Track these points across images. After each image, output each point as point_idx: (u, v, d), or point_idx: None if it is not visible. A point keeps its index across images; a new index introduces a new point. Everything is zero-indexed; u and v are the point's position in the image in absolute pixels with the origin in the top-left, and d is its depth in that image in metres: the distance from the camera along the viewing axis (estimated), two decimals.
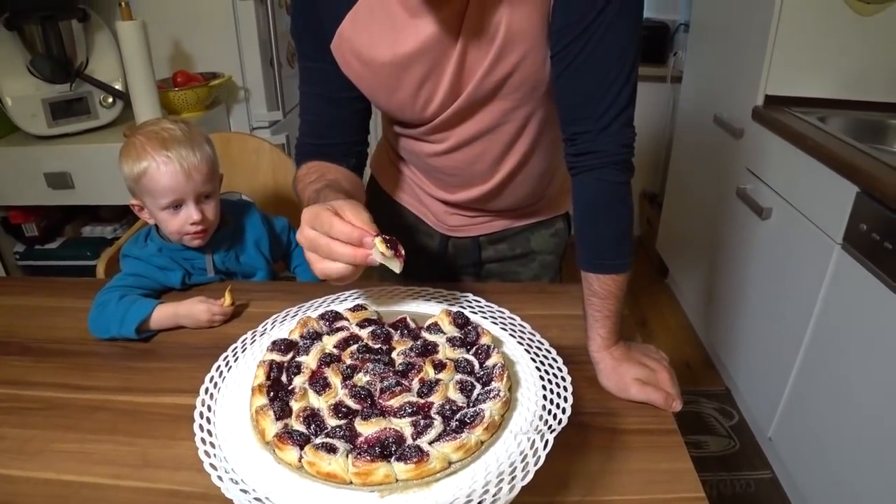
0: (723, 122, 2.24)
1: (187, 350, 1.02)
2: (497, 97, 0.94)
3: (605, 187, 0.88)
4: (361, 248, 0.71)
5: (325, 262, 0.72)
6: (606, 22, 0.81)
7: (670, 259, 2.92)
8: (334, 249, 0.71)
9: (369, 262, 0.71)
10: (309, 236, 0.73)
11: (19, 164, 1.91)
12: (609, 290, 0.89)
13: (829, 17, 1.90)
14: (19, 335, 1.08)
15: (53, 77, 1.92)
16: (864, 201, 1.48)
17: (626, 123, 0.86)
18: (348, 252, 0.71)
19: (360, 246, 0.71)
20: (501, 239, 1.23)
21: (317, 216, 0.72)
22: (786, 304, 1.83)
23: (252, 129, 2.27)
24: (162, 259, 1.17)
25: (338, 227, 0.71)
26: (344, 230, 0.71)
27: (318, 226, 0.72)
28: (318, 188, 0.91)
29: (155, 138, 1.11)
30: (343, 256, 0.71)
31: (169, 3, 2.08)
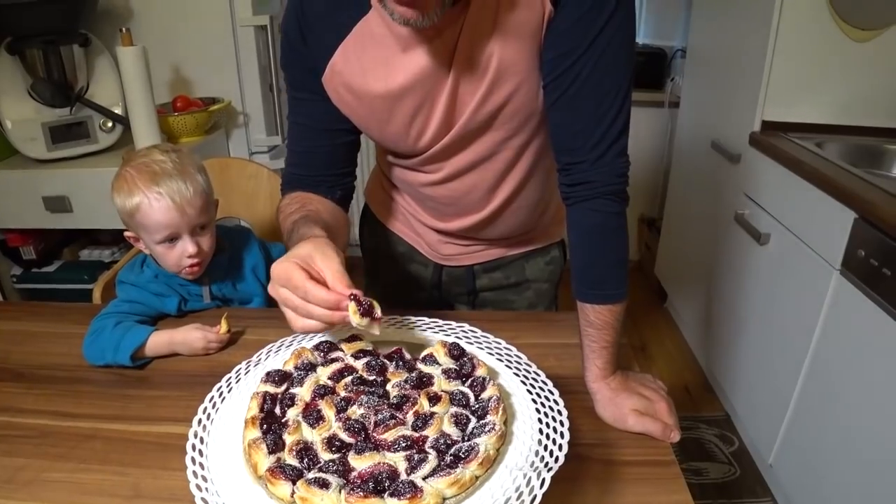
0: (720, 147, 2.25)
1: (182, 378, 1.01)
2: (491, 128, 0.94)
3: (600, 218, 0.87)
4: (339, 310, 0.71)
5: (304, 320, 0.72)
6: (598, 52, 0.82)
7: (669, 284, 2.92)
8: (312, 312, 0.71)
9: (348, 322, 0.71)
10: (283, 296, 0.73)
11: (18, 187, 1.92)
12: (605, 320, 0.88)
13: (825, 43, 1.92)
14: (12, 361, 1.07)
15: (54, 101, 1.93)
16: (861, 227, 1.48)
17: (619, 153, 0.86)
18: (326, 315, 0.71)
19: (338, 309, 0.71)
20: (496, 267, 1.23)
21: (288, 278, 0.72)
22: (785, 329, 1.82)
23: (251, 153, 2.28)
24: (158, 286, 1.16)
25: (312, 294, 0.71)
26: (319, 297, 0.70)
27: (291, 288, 0.72)
28: (295, 220, 0.92)
29: (146, 171, 1.09)
30: (322, 318, 0.71)
31: (169, 28, 2.10)
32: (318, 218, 0.92)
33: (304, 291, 0.70)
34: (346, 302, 0.70)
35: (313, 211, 0.95)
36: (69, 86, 1.95)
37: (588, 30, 0.81)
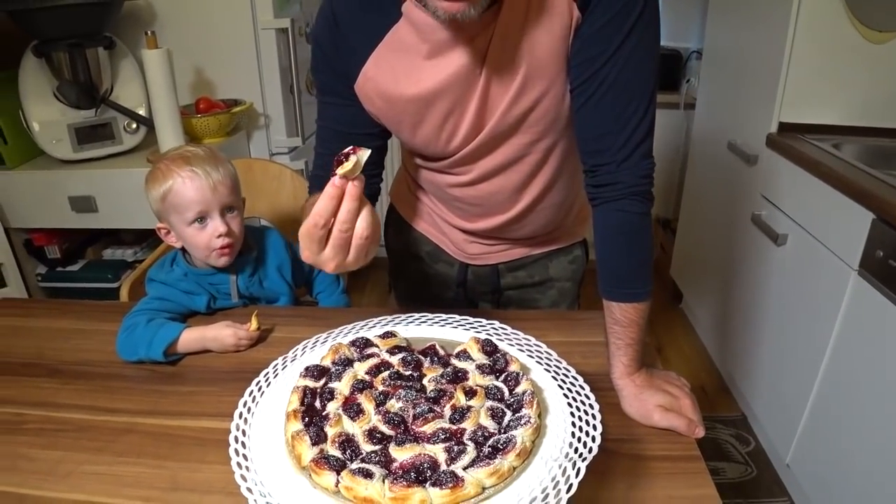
0: (737, 148, 2.26)
1: (213, 374, 1.04)
2: (519, 131, 0.96)
3: (626, 218, 0.89)
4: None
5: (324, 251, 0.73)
6: (624, 57, 0.84)
7: (685, 284, 2.92)
8: (318, 211, 0.71)
9: (342, 185, 0.71)
10: (302, 233, 0.74)
11: (44, 188, 1.95)
12: (631, 318, 0.90)
13: (841, 45, 1.92)
14: (47, 357, 1.10)
15: (79, 103, 1.96)
16: (879, 228, 1.49)
17: (645, 155, 0.88)
18: (327, 200, 0.71)
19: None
20: (520, 266, 1.25)
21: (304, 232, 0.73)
22: (802, 330, 1.83)
23: (272, 154, 2.30)
24: (188, 283, 1.19)
25: (317, 213, 0.71)
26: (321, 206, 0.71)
27: (309, 231, 0.73)
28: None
29: (178, 158, 1.15)
30: (327, 205, 0.71)
31: (193, 31, 2.13)
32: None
33: (313, 219, 0.71)
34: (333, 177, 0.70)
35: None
36: (94, 88, 1.98)
37: (614, 36, 0.83)
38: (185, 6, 2.11)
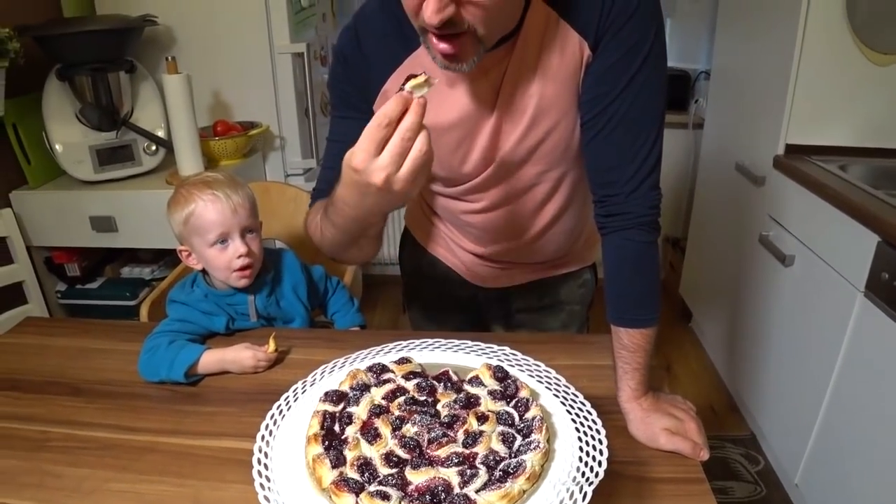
0: (744, 169, 2.28)
1: (232, 395, 1.06)
2: (529, 161, 1.00)
3: (634, 247, 0.92)
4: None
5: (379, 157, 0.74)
6: (633, 93, 0.87)
7: (694, 303, 2.94)
8: (385, 111, 0.73)
9: (409, 97, 0.73)
10: (363, 135, 0.74)
11: (66, 208, 2.00)
12: (638, 343, 0.93)
13: (847, 67, 1.94)
14: (70, 376, 1.13)
15: (101, 125, 2.01)
16: (885, 250, 1.51)
17: (652, 186, 0.91)
18: (394, 104, 0.72)
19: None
20: (531, 290, 1.28)
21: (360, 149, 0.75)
22: (810, 350, 1.84)
23: (287, 175, 2.35)
24: (207, 304, 1.23)
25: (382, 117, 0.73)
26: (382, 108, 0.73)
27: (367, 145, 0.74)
28: (325, 203, 0.93)
29: (200, 182, 1.20)
30: (395, 107, 0.72)
31: (211, 55, 2.18)
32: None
33: (377, 119, 0.73)
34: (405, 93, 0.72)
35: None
36: (115, 110, 2.03)
37: (624, 73, 0.86)
38: (203, 31, 2.17)
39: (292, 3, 2.16)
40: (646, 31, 0.85)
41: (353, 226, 0.89)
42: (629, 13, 0.84)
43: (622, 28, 0.85)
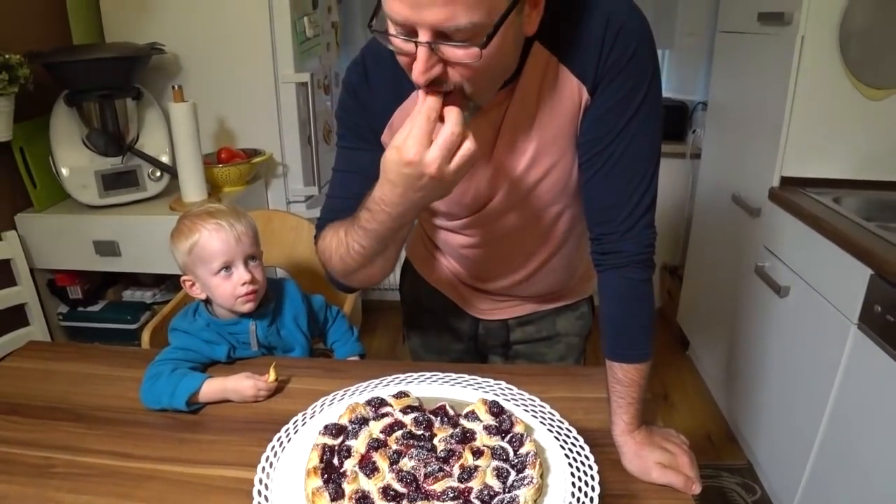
0: (741, 200, 2.31)
1: (233, 424, 1.07)
2: (529, 198, 1.02)
3: (629, 284, 0.95)
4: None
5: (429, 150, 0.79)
6: (630, 135, 0.90)
7: (691, 331, 2.95)
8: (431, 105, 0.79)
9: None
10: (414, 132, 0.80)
11: (70, 231, 2.02)
12: (632, 378, 0.95)
13: (840, 101, 1.98)
14: (71, 402, 1.14)
15: (107, 151, 2.04)
16: (877, 283, 1.53)
17: (647, 225, 0.94)
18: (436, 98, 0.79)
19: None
20: (529, 322, 1.30)
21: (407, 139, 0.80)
22: (805, 381, 1.86)
23: (289, 202, 2.38)
24: (209, 333, 1.24)
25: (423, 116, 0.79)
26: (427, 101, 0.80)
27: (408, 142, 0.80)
28: (350, 224, 0.96)
29: (203, 213, 1.23)
30: (439, 99, 0.79)
31: (217, 83, 2.22)
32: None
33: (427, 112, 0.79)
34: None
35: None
36: (121, 136, 2.06)
37: (620, 117, 0.89)
38: (210, 60, 2.21)
39: (297, 34, 2.20)
40: (642, 76, 0.88)
41: (389, 228, 0.91)
42: (626, 60, 0.87)
43: (619, 73, 0.88)
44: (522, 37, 0.83)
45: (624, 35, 0.86)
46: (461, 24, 0.72)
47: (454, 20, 0.72)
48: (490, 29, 0.74)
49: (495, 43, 0.75)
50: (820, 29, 1.92)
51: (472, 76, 0.79)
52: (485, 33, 0.74)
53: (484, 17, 0.72)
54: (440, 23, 0.72)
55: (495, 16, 0.73)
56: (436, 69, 0.77)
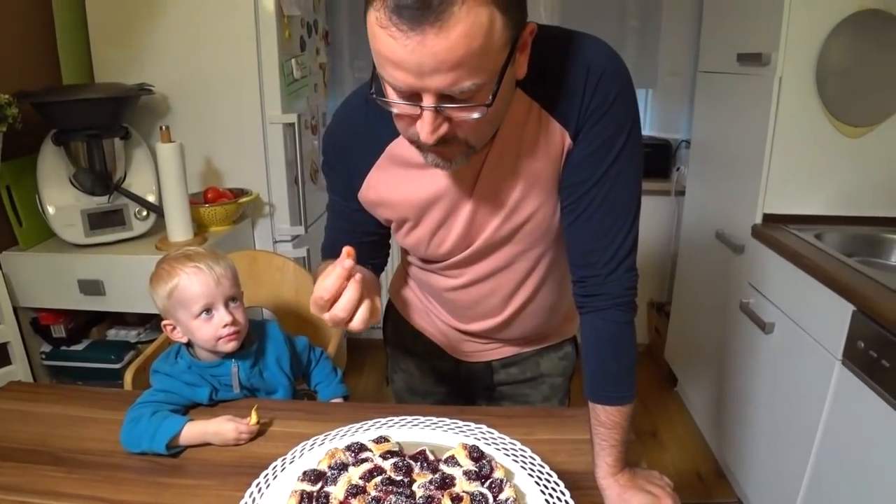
0: (724, 237, 2.34)
1: (214, 467, 1.07)
2: (511, 241, 1.04)
3: (611, 327, 0.95)
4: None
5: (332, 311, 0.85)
6: (611, 180, 0.91)
7: (679, 368, 2.95)
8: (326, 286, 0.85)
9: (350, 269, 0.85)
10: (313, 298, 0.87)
11: (55, 270, 2.01)
12: (615, 420, 0.95)
13: (819, 139, 2.02)
14: (51, 444, 1.13)
15: (94, 190, 2.03)
16: (860, 320, 1.54)
17: (629, 268, 0.95)
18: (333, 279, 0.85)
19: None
20: (512, 363, 1.30)
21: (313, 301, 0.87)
22: (793, 417, 1.86)
23: (275, 242, 2.38)
24: (191, 376, 1.24)
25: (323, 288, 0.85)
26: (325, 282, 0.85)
27: (317, 302, 0.87)
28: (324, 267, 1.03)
29: (181, 256, 1.23)
30: (335, 284, 0.84)
31: (205, 124, 2.24)
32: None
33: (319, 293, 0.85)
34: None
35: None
36: (108, 175, 2.06)
37: (602, 162, 0.91)
38: (198, 100, 2.23)
39: (285, 75, 2.23)
40: (623, 122, 0.90)
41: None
42: (607, 106, 0.89)
43: (600, 120, 0.89)
44: (514, 80, 0.86)
45: (605, 82, 0.88)
46: (465, 86, 0.74)
47: (459, 84, 0.73)
48: (493, 86, 0.76)
49: (497, 94, 0.77)
50: (797, 69, 1.97)
51: (476, 128, 0.82)
52: (488, 90, 0.76)
53: (486, 77, 0.74)
54: (445, 87, 0.74)
55: (496, 72, 0.75)
56: (443, 129, 0.79)
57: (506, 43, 0.74)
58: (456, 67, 0.72)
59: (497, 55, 0.74)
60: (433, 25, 0.68)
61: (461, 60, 0.71)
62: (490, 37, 0.71)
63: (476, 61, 0.72)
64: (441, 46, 0.69)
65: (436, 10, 0.67)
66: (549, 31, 0.90)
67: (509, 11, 0.72)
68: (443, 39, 0.69)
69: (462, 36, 0.69)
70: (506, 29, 0.73)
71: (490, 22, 0.70)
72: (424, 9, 0.68)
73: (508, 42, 0.75)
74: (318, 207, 2.62)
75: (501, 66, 0.76)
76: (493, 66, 0.75)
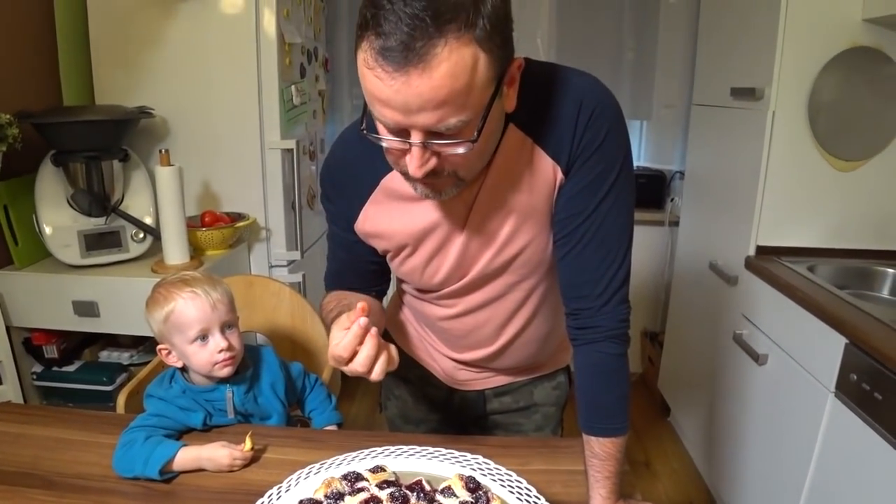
0: (718, 269, 2.35)
1: (207, 494, 1.06)
2: (505, 273, 1.05)
3: (605, 359, 0.96)
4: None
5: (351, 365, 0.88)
6: (603, 214, 0.93)
7: (672, 398, 2.95)
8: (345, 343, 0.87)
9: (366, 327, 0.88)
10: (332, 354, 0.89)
11: (49, 290, 2.00)
12: (609, 451, 0.95)
13: (811, 173, 2.05)
14: (42, 468, 1.12)
15: (91, 211, 2.04)
16: (852, 353, 1.55)
17: (621, 301, 0.96)
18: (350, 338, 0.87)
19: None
20: (506, 392, 1.30)
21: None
22: (785, 449, 1.86)
23: (271, 266, 2.38)
24: (185, 400, 1.23)
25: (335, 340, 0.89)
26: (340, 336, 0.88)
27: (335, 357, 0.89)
28: (332, 317, 1.03)
29: (178, 281, 1.23)
30: (352, 343, 0.87)
31: (204, 148, 2.25)
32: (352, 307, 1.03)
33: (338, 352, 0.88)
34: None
35: (346, 305, 1.07)
36: (106, 197, 2.06)
37: (593, 196, 0.92)
38: (197, 124, 2.24)
39: (284, 102, 2.25)
40: (614, 157, 0.92)
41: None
42: (599, 142, 0.91)
43: (592, 155, 0.91)
44: (503, 114, 0.87)
45: (597, 118, 0.90)
46: (451, 123, 0.76)
47: (444, 121, 0.76)
48: (479, 122, 0.78)
49: (483, 130, 0.79)
50: (790, 104, 2.00)
51: (464, 162, 0.84)
52: (474, 126, 0.78)
53: (471, 114, 0.77)
54: (431, 125, 0.76)
55: (481, 108, 0.77)
56: (430, 163, 0.81)
57: (490, 80, 0.77)
58: (441, 106, 0.74)
59: (482, 92, 0.76)
60: (417, 67, 0.71)
61: (446, 99, 0.73)
62: (474, 75, 0.74)
63: (461, 99, 0.74)
64: (425, 87, 0.72)
65: (419, 52, 0.70)
66: (542, 67, 0.92)
67: (493, 50, 0.75)
68: (427, 80, 0.72)
69: (446, 76, 0.72)
70: (490, 67, 0.75)
71: (473, 61, 0.73)
72: (408, 51, 0.70)
73: (493, 79, 0.77)
74: (314, 233, 2.63)
75: (487, 102, 0.78)
76: (479, 103, 0.77)
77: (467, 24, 0.71)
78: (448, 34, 0.70)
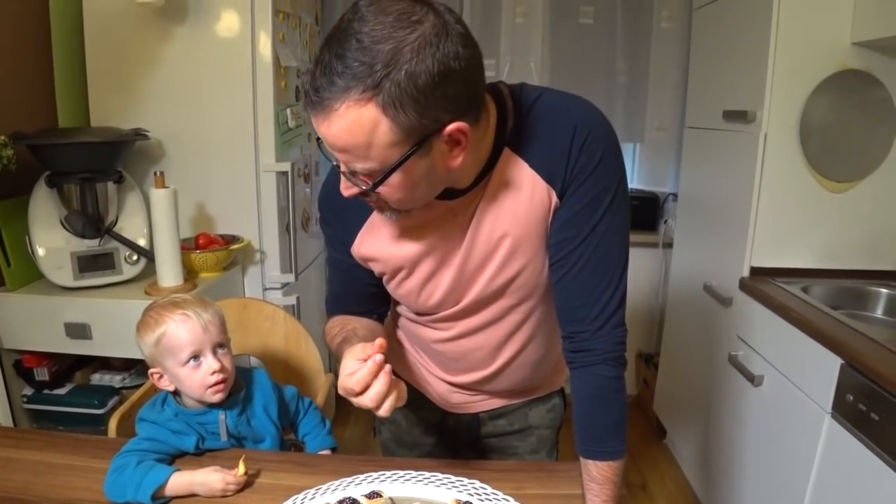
0: (712, 290, 2.36)
1: None
2: (500, 297, 1.05)
3: (601, 382, 0.96)
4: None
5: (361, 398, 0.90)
6: (598, 237, 0.93)
7: (667, 420, 2.94)
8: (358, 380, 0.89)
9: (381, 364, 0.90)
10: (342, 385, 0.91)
11: (41, 312, 1.98)
12: (606, 475, 0.95)
13: (804, 194, 2.07)
14: (33, 493, 1.10)
15: (85, 233, 2.03)
16: (848, 373, 1.55)
17: (617, 324, 0.96)
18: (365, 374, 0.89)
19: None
20: (501, 415, 1.30)
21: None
22: (783, 470, 1.85)
23: (265, 289, 2.37)
24: (177, 423, 1.22)
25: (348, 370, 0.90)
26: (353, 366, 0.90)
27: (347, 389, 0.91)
28: (338, 342, 1.06)
29: (169, 304, 1.22)
30: (366, 378, 0.89)
31: (198, 170, 2.25)
32: (356, 335, 1.06)
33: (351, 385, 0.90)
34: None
35: (351, 330, 1.09)
36: (100, 219, 2.05)
37: (588, 220, 0.93)
38: (192, 147, 2.24)
39: (279, 124, 2.26)
40: (609, 181, 0.93)
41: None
42: (594, 166, 0.91)
43: (587, 179, 0.92)
44: (446, 168, 0.88)
45: (591, 142, 0.90)
46: (356, 167, 0.82)
47: (350, 164, 0.84)
48: (381, 175, 0.83)
49: (396, 181, 0.83)
50: (781, 126, 2.02)
51: (388, 197, 0.88)
52: (378, 175, 0.83)
53: (377, 165, 0.81)
54: (343, 162, 0.83)
55: (388, 163, 0.81)
56: (354, 189, 0.87)
57: (397, 143, 0.79)
58: (343, 152, 0.82)
59: (386, 150, 0.80)
60: (321, 113, 0.78)
61: (345, 148, 0.81)
62: (372, 135, 0.78)
63: (360, 151, 0.80)
64: (329, 132, 0.80)
65: (322, 102, 0.77)
66: (536, 91, 0.93)
67: (400, 117, 0.77)
68: (328, 128, 0.79)
69: (343, 131, 0.78)
70: (394, 132, 0.78)
71: (373, 124, 0.77)
72: (316, 100, 0.78)
73: (402, 142, 0.80)
74: (308, 255, 2.62)
75: (396, 160, 0.81)
76: (383, 158, 0.81)
77: (373, 88, 0.75)
78: (349, 93, 0.75)
